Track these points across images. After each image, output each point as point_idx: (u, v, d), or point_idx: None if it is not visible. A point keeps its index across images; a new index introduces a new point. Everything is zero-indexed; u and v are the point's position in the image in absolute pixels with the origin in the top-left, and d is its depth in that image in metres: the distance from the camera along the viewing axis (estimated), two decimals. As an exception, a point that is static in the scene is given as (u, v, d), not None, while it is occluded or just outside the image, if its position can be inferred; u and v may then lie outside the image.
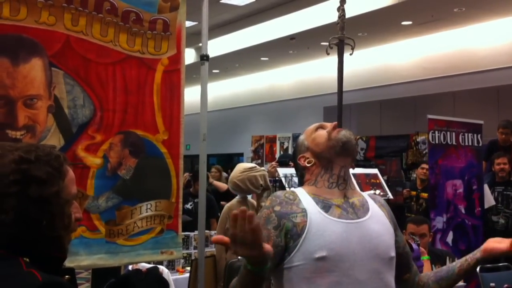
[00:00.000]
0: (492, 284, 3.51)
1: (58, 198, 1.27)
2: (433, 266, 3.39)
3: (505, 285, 3.55)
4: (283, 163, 6.04)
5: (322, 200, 1.78)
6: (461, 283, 3.04)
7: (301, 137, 1.94)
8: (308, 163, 1.86)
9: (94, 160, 2.81)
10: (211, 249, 4.65)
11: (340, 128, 1.85)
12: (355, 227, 1.74)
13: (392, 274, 1.79)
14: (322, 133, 1.87)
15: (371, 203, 1.85)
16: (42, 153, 1.29)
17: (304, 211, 1.75)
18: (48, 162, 1.29)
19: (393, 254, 1.80)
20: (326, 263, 1.67)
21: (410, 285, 1.92)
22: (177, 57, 3.06)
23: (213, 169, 8.58)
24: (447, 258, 3.29)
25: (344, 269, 1.68)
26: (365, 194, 1.91)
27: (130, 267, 4.58)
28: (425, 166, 6.99)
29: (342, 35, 1.89)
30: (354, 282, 1.69)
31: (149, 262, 3.85)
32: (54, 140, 2.69)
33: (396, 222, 1.92)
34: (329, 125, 1.91)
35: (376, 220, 1.80)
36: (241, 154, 16.33)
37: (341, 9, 1.90)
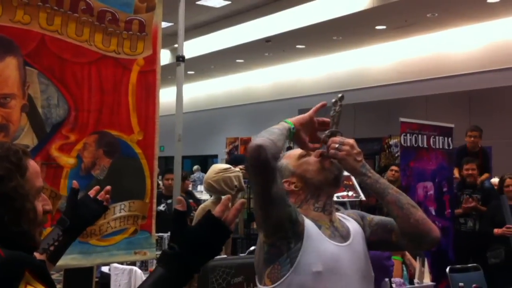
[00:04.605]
0: (461, 284, 3.59)
1: (18, 193, 1.26)
2: (403, 266, 3.46)
3: (474, 285, 3.63)
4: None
5: (311, 219, 1.79)
6: (430, 283, 3.11)
7: (284, 161, 1.91)
8: (295, 187, 1.85)
9: (67, 160, 2.80)
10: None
11: (330, 158, 1.84)
12: (344, 250, 1.77)
13: None
14: (313, 161, 1.87)
15: (348, 223, 1.87)
16: (0, 150, 1.29)
17: (302, 216, 1.77)
18: (7, 158, 1.28)
19: (373, 274, 1.85)
20: (322, 280, 1.69)
21: (402, 240, 1.86)
22: (153, 58, 3.06)
23: (167, 176, 6.69)
24: (417, 257, 3.35)
25: None
26: (337, 215, 1.92)
27: (102, 268, 4.56)
28: (394, 168, 7.17)
29: (336, 129, 1.91)
30: None
31: (122, 263, 3.84)
32: (28, 139, 2.67)
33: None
34: (314, 153, 1.91)
35: (357, 241, 1.83)
36: (216, 156, 16.32)
37: (338, 105, 1.92)
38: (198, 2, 11.20)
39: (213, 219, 1.31)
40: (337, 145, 1.81)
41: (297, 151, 1.93)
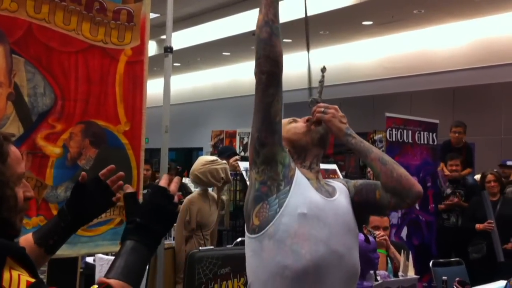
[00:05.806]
0: (444, 278, 3.63)
1: None
2: (388, 259, 3.49)
3: (457, 279, 3.67)
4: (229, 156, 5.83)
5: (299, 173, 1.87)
6: (414, 276, 3.14)
7: None
8: None
9: (53, 150, 2.78)
10: (170, 242, 4.66)
11: (317, 121, 1.94)
12: (330, 203, 1.83)
13: (358, 251, 1.89)
14: (300, 125, 1.97)
15: (334, 184, 1.95)
16: None
17: (294, 164, 1.85)
18: None
19: (357, 231, 1.92)
20: (307, 223, 1.73)
21: (385, 197, 1.88)
22: (141, 48, 3.04)
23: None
24: (402, 251, 3.39)
25: (323, 239, 1.75)
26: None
27: (87, 259, 4.54)
28: None
29: (319, 98, 2.02)
30: (333, 252, 1.76)
31: (107, 253, 3.83)
32: (13, 128, 2.65)
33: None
34: (301, 120, 2.00)
35: (343, 198, 1.89)
36: (201, 149, 16.28)
37: (321, 75, 2.01)
38: (185, -6, 11.14)
39: (158, 188, 1.42)
40: (322, 109, 1.92)
41: (287, 119, 2.00)
